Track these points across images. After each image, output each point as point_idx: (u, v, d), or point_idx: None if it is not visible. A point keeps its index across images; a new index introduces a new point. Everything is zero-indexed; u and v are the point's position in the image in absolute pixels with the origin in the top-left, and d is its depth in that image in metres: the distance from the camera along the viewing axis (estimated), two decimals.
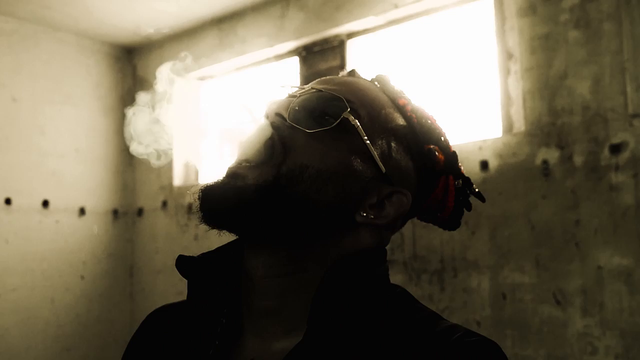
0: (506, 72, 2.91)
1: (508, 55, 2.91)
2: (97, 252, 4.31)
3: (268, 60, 3.97)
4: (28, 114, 3.97)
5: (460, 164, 0.88)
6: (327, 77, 0.87)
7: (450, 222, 0.91)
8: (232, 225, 0.76)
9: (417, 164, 0.84)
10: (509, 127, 2.88)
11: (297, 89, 0.83)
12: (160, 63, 1.02)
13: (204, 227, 0.76)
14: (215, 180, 0.76)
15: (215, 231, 0.77)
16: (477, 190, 0.91)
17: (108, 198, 4.44)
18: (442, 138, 0.87)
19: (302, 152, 0.75)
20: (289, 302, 0.76)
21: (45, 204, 4.05)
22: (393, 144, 0.81)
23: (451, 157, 0.87)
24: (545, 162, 2.66)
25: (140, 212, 4.52)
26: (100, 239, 4.35)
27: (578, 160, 2.58)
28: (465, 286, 2.86)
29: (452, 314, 2.87)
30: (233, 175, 0.75)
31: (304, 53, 3.75)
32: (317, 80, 0.86)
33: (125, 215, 4.53)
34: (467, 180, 0.90)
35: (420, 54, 3.33)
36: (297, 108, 0.78)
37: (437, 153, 0.85)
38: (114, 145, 4.48)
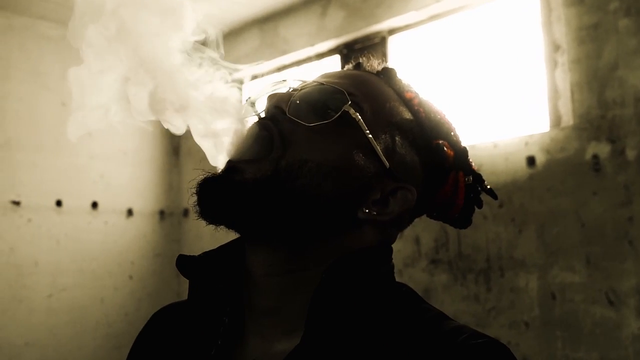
0: (553, 64, 2.81)
1: (555, 47, 2.81)
2: (144, 253, 4.40)
3: (309, 59, 3.97)
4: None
5: (470, 160, 0.85)
6: (332, 71, 0.85)
7: (461, 220, 0.87)
8: (229, 220, 0.74)
9: (425, 159, 0.81)
10: (556, 121, 2.78)
11: (299, 82, 0.81)
12: None
13: None
14: (213, 174, 0.74)
15: None
16: (488, 187, 0.87)
17: (155, 199, 4.53)
18: (452, 133, 0.84)
19: (301, 146, 0.73)
20: (289, 301, 0.74)
21: (95, 205, 4.15)
22: (397, 139, 0.78)
23: (461, 153, 0.84)
24: (595, 156, 2.56)
25: (186, 212, 4.58)
26: (148, 239, 4.44)
27: (631, 154, 2.47)
28: (513, 286, 2.77)
29: (499, 315, 2.79)
30: (231, 169, 0.74)
31: (345, 51, 3.72)
32: (321, 74, 0.84)
33: (172, 216, 4.61)
34: (478, 177, 0.86)
35: (463, 48, 3.25)
36: (297, 102, 0.76)
37: (446, 148, 0.82)
38: (161, 147, 4.56)
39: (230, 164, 0.74)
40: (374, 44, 3.56)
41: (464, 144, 0.85)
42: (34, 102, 3.92)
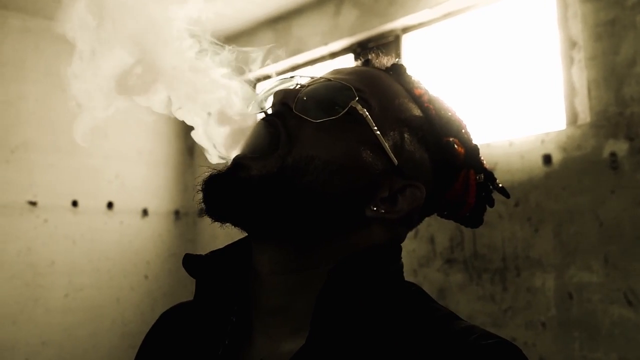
0: (569, 61, 2.78)
1: (571, 44, 2.78)
2: (160, 252, 4.42)
3: (323, 58, 3.96)
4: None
5: (482, 158, 0.84)
6: (340, 67, 0.84)
7: (473, 219, 0.85)
8: (234, 218, 0.73)
9: (434, 157, 0.79)
10: (573, 119, 2.75)
11: (307, 79, 0.80)
12: None
13: None
14: (219, 171, 0.73)
15: None
16: (500, 185, 0.86)
17: (170, 199, 4.54)
18: (463, 130, 0.82)
19: (308, 143, 0.72)
20: (296, 300, 0.73)
21: (110, 205, 4.18)
22: (406, 135, 0.77)
23: (472, 151, 0.82)
24: (613, 154, 2.52)
25: (201, 212, 4.58)
26: (163, 239, 4.46)
27: None
28: (529, 285, 2.74)
29: (516, 315, 2.77)
30: (237, 166, 0.73)
31: (358, 50, 3.71)
32: (330, 71, 0.83)
33: (187, 215, 4.62)
34: (489, 175, 0.84)
35: (478, 46, 3.23)
36: (304, 98, 0.75)
37: (456, 146, 0.80)
38: (175, 147, 4.58)
39: (236, 161, 0.74)
40: (388, 43, 3.55)
41: (475, 141, 0.84)
42: (49, 103, 3.95)
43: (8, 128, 3.85)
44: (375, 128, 0.73)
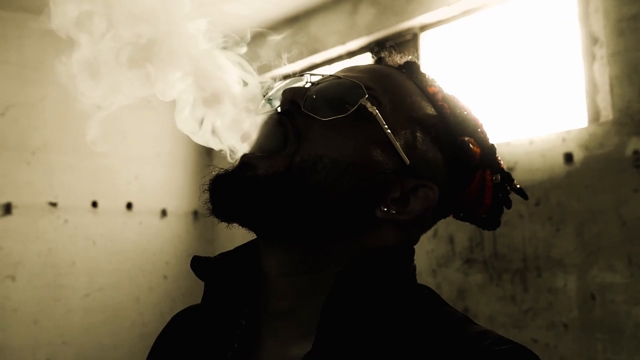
0: (591, 57, 2.73)
1: (593, 40, 2.73)
2: (179, 253, 4.44)
3: (340, 57, 3.95)
4: (111, 120, 4.13)
5: (499, 158, 0.81)
6: (351, 65, 0.83)
7: (489, 221, 0.83)
8: (241, 218, 0.72)
9: (449, 156, 0.77)
10: (595, 116, 2.70)
11: (318, 77, 0.78)
12: None
13: None
14: (225, 170, 0.72)
15: None
16: (518, 186, 0.83)
17: (188, 200, 4.56)
18: (479, 130, 0.80)
19: (316, 141, 0.70)
20: (305, 303, 0.71)
21: (129, 206, 4.21)
22: (419, 134, 0.75)
23: (488, 150, 0.80)
24: (636, 152, 2.47)
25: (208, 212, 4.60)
26: (182, 239, 4.48)
27: None
28: (551, 286, 2.70)
29: (537, 316, 2.73)
30: (243, 165, 0.72)
31: (376, 49, 3.67)
32: (341, 69, 0.82)
33: (205, 216, 4.63)
34: (506, 176, 0.82)
35: (497, 43, 3.19)
36: (313, 96, 0.73)
37: (471, 145, 0.78)
38: (194, 148, 4.60)
39: (243, 160, 0.73)
40: (406, 41, 3.52)
41: (492, 141, 0.82)
42: (69, 105, 3.98)
43: (29, 130, 3.90)
44: (386, 126, 0.72)
